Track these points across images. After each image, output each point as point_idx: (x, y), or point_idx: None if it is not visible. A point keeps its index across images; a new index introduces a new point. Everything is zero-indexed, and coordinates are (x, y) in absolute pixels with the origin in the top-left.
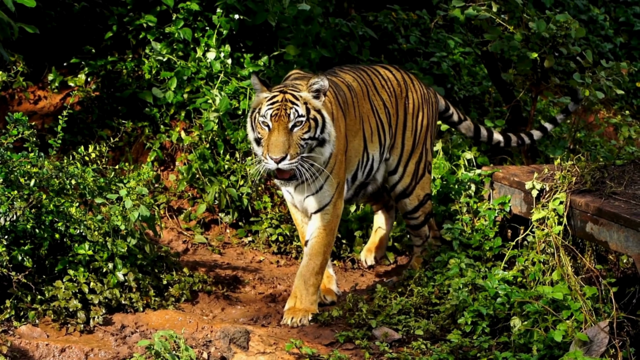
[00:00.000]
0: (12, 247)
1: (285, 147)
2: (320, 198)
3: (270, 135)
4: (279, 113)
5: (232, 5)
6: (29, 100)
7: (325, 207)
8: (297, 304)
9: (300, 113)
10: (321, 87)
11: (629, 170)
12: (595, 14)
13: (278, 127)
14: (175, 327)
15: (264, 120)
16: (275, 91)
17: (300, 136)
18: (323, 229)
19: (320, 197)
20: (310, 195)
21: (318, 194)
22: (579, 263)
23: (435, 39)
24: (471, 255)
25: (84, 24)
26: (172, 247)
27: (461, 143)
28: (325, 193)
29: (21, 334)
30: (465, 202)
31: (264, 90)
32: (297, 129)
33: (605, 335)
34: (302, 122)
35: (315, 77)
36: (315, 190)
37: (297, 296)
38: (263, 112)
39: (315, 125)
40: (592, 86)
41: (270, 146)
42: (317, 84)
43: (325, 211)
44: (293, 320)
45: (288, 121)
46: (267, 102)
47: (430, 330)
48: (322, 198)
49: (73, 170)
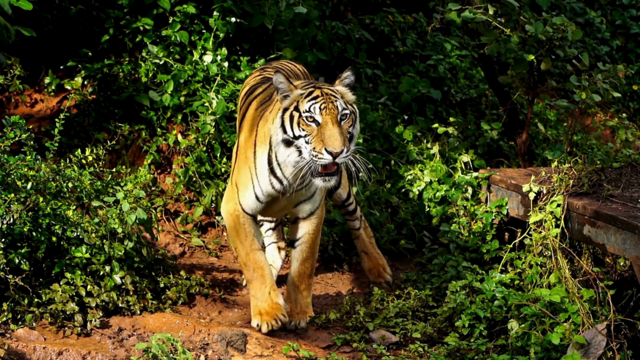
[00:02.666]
0: (9, 250)
1: (343, 139)
2: (312, 203)
3: (323, 130)
4: (327, 106)
5: (228, 8)
6: (25, 103)
7: (315, 211)
8: (293, 308)
9: (344, 106)
10: (352, 81)
11: (626, 173)
12: (591, 16)
13: (331, 120)
14: (173, 330)
15: (311, 116)
16: (309, 87)
17: (347, 129)
18: (312, 233)
19: (312, 202)
20: (305, 200)
21: (311, 199)
22: (577, 266)
23: (432, 42)
24: (468, 258)
25: (80, 27)
26: (169, 250)
27: (458, 146)
28: (316, 197)
29: (18, 337)
30: (463, 205)
31: (292, 88)
32: (344, 122)
33: (603, 338)
34: (347, 115)
35: (347, 70)
36: (310, 195)
37: (291, 300)
38: (306, 108)
39: (353, 119)
40: (588, 89)
41: (329, 140)
42: (349, 77)
43: (315, 215)
44: (291, 324)
45: (337, 113)
46: (307, 99)
47: (427, 333)
48: (313, 203)
49: (70, 173)
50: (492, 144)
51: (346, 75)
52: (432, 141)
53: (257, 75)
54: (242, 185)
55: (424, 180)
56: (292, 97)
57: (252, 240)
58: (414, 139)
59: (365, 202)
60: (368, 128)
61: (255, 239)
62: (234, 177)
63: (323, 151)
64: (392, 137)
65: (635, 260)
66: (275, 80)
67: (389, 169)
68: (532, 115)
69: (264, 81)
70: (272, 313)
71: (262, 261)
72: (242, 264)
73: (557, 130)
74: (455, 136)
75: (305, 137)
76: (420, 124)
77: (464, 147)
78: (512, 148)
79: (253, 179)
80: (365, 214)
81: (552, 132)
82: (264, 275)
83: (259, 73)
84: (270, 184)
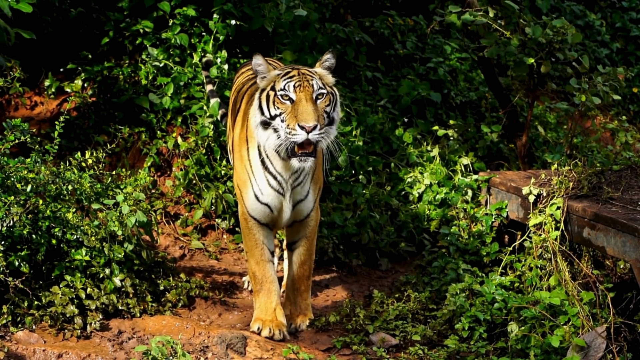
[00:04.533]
0: (8, 253)
1: (316, 115)
2: (307, 204)
3: (297, 106)
4: (302, 84)
5: (228, 11)
6: (25, 106)
7: (310, 214)
8: (293, 310)
9: (320, 85)
10: (332, 64)
11: (626, 176)
12: (591, 19)
13: (305, 97)
14: (172, 333)
15: (285, 94)
16: (287, 68)
17: (323, 108)
18: (309, 236)
19: (307, 204)
20: (300, 201)
21: (306, 199)
22: (576, 268)
23: (432, 45)
24: (468, 260)
25: (80, 30)
26: (169, 252)
27: (458, 148)
28: (310, 198)
29: (18, 339)
30: (462, 208)
31: (270, 69)
32: (320, 101)
33: (603, 341)
34: (323, 94)
35: (327, 53)
36: (304, 195)
37: (291, 302)
38: (281, 87)
39: (331, 100)
40: (588, 91)
41: (301, 115)
42: (329, 60)
43: (310, 217)
44: (292, 327)
45: (312, 91)
46: (283, 78)
47: (427, 335)
48: (307, 204)
49: (70, 176)
50: (492, 147)
51: (326, 58)
52: (432, 144)
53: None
54: (242, 186)
55: (424, 183)
56: (269, 77)
57: (262, 250)
58: (414, 141)
59: (365, 204)
60: (368, 131)
61: (266, 248)
62: (235, 179)
63: (296, 127)
64: (392, 139)
65: (635, 263)
66: (254, 62)
67: (389, 171)
68: (532, 117)
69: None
70: (275, 323)
71: (271, 275)
72: (251, 272)
73: (557, 132)
74: (455, 139)
75: (280, 115)
76: (420, 127)
77: (463, 150)
78: (512, 150)
79: (250, 177)
80: (365, 217)
81: (552, 134)
82: (270, 290)
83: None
84: (267, 181)
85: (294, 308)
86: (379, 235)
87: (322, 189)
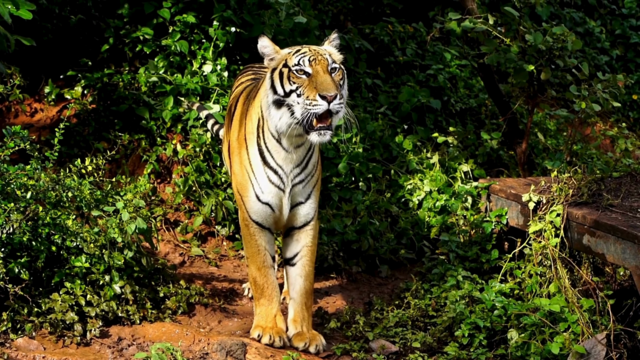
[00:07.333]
0: (8, 260)
1: (336, 86)
2: (307, 207)
3: (315, 78)
4: (316, 58)
5: (228, 18)
6: (25, 112)
7: (310, 221)
8: (304, 329)
9: (333, 60)
10: (338, 43)
11: (625, 183)
12: (591, 26)
13: (322, 69)
14: (172, 340)
15: (300, 68)
16: (297, 47)
17: (338, 81)
18: (310, 246)
19: (307, 207)
20: (300, 203)
21: (307, 202)
22: (576, 275)
23: (432, 52)
24: (468, 267)
25: (80, 37)
26: (168, 259)
27: (458, 155)
28: (311, 200)
29: (18, 346)
30: (462, 215)
31: (278, 50)
32: (334, 74)
33: (603, 348)
34: (336, 68)
35: (333, 33)
36: (304, 198)
37: (301, 318)
38: (295, 62)
39: (342, 75)
40: (588, 98)
41: (321, 85)
42: (336, 40)
43: (310, 226)
44: (317, 348)
45: (328, 64)
46: (295, 54)
47: (427, 342)
48: (308, 208)
49: (70, 183)
50: (491, 154)
51: (334, 37)
52: (431, 151)
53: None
54: (243, 190)
55: (424, 190)
56: (279, 57)
57: (264, 256)
58: (414, 148)
59: (365, 211)
60: (368, 137)
61: (267, 254)
62: (234, 184)
63: (317, 97)
64: (392, 146)
65: (634, 270)
66: (260, 45)
67: (389, 178)
68: (531, 124)
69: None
70: (276, 330)
71: (272, 282)
72: (252, 278)
73: (557, 139)
74: (455, 146)
75: (297, 89)
76: (420, 134)
77: (463, 157)
78: (511, 157)
79: (250, 177)
80: (365, 224)
81: (552, 141)
82: (272, 297)
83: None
84: (267, 177)
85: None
86: (379, 242)
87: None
